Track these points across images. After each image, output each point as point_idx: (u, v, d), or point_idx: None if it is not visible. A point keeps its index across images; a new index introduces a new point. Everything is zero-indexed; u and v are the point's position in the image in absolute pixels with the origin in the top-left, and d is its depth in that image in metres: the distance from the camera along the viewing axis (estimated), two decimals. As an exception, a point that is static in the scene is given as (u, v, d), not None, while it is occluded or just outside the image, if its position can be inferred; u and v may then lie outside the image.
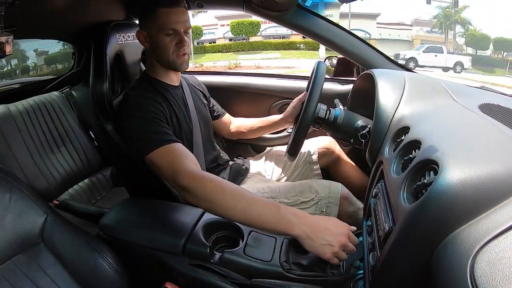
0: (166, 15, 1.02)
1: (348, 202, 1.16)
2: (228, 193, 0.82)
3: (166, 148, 0.92)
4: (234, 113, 1.59)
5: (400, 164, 0.71)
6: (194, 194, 0.84)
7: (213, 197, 0.82)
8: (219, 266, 0.86)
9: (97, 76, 1.07)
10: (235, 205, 0.80)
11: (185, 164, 0.88)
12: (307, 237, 0.75)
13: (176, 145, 0.94)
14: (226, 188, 0.83)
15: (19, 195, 0.83)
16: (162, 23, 1.02)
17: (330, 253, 0.75)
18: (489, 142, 0.62)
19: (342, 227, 0.78)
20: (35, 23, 1.24)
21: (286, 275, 0.82)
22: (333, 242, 0.74)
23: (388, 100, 0.97)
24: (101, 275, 0.82)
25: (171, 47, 1.05)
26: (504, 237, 0.41)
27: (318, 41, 1.43)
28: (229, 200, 0.81)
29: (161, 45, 1.05)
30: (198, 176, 0.86)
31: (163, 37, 1.04)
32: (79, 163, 1.52)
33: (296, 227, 0.76)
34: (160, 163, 0.92)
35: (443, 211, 0.49)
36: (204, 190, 0.83)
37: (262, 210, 0.79)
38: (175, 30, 1.04)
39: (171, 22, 1.02)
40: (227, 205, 0.81)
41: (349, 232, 0.78)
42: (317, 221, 0.78)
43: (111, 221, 0.95)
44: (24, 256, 0.79)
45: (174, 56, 1.07)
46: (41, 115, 1.43)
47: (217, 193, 0.82)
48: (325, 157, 1.40)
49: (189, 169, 0.87)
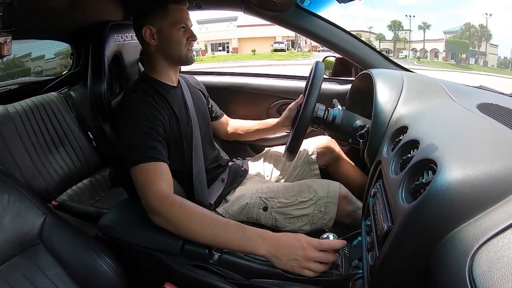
0: (178, 11, 1.07)
1: (347, 201, 1.17)
2: (195, 219, 0.83)
3: (147, 165, 0.91)
4: (233, 113, 1.59)
5: (398, 163, 0.72)
6: (163, 217, 0.85)
7: (180, 222, 0.83)
8: (218, 267, 0.86)
9: (95, 77, 1.07)
10: (203, 230, 0.82)
11: (158, 186, 0.88)
12: (273, 255, 0.78)
13: (157, 165, 0.93)
14: (194, 213, 0.84)
15: (18, 196, 0.83)
16: (174, 18, 1.06)
17: (298, 267, 0.76)
18: (488, 142, 0.62)
19: (305, 241, 0.78)
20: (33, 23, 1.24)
21: (285, 275, 0.82)
22: (298, 257, 0.76)
23: (386, 100, 0.97)
24: (100, 275, 0.82)
25: (184, 41, 1.09)
26: (503, 236, 0.41)
27: (316, 41, 1.44)
28: (197, 225, 0.82)
29: (174, 39, 1.07)
30: (168, 199, 0.85)
31: (177, 32, 1.07)
32: (78, 163, 1.52)
33: (261, 247, 0.78)
34: (136, 179, 0.91)
35: (441, 210, 0.49)
36: (172, 214, 0.84)
37: (228, 234, 0.81)
38: (186, 25, 1.08)
39: (183, 17, 1.08)
40: (194, 230, 0.82)
41: (315, 243, 0.78)
42: (280, 239, 0.79)
43: (110, 222, 0.95)
44: (23, 257, 0.79)
45: (186, 49, 1.10)
46: (39, 115, 1.43)
47: (184, 217, 0.83)
48: (324, 157, 1.40)
49: (160, 191, 0.87)
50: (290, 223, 1.13)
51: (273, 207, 1.13)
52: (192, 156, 1.12)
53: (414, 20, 40.55)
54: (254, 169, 1.40)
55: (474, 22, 32.06)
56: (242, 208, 1.15)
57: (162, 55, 1.10)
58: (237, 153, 1.54)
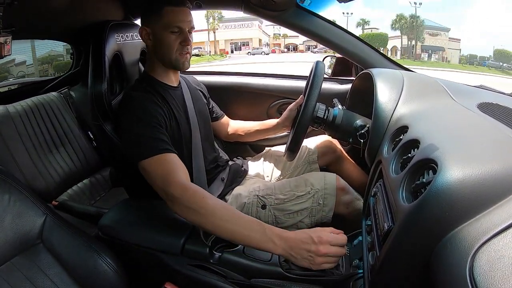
0: (172, 14, 1.03)
1: (345, 192, 1.16)
2: (218, 211, 0.84)
3: (162, 157, 0.92)
4: (233, 113, 1.59)
5: (399, 163, 0.72)
6: (184, 205, 0.85)
7: (202, 213, 0.84)
8: (218, 266, 0.86)
9: (95, 77, 1.07)
10: (223, 224, 0.82)
11: (178, 176, 0.89)
12: (289, 255, 0.79)
13: (171, 156, 0.94)
14: (216, 206, 0.84)
15: (18, 196, 0.83)
16: (168, 21, 1.03)
17: (313, 263, 0.79)
18: (488, 141, 0.62)
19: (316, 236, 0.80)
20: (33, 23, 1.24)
21: (285, 275, 0.82)
22: (312, 254, 0.78)
23: (387, 100, 0.97)
24: (101, 275, 0.82)
25: (175, 45, 1.06)
26: (503, 236, 0.41)
27: (317, 40, 1.44)
28: (218, 218, 0.83)
29: (165, 42, 1.05)
30: (191, 189, 0.87)
31: (168, 35, 1.04)
32: (78, 163, 1.52)
33: (279, 247, 0.79)
34: (153, 171, 0.91)
35: (442, 210, 0.49)
36: (195, 204, 0.84)
37: (248, 231, 0.81)
38: (181, 28, 1.05)
39: (178, 20, 1.03)
40: (215, 222, 0.83)
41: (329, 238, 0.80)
42: (295, 237, 0.81)
43: (110, 222, 0.95)
44: (24, 257, 0.79)
45: (177, 54, 1.07)
46: (39, 115, 1.43)
47: (207, 209, 0.83)
48: (325, 156, 1.40)
49: (181, 181, 0.88)
50: (290, 218, 1.13)
51: (271, 204, 1.14)
52: (191, 156, 1.12)
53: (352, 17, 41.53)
54: (254, 169, 1.40)
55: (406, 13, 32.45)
56: (240, 208, 1.15)
57: (156, 57, 1.10)
58: (238, 153, 1.54)
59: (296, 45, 38.34)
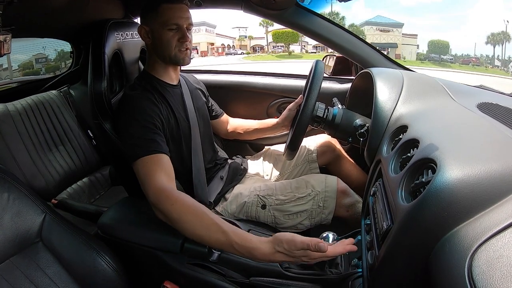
0: (169, 11, 1.03)
1: (345, 195, 1.17)
2: (184, 217, 0.81)
3: (147, 159, 0.91)
4: (233, 111, 1.59)
5: (398, 163, 0.72)
6: (157, 209, 0.84)
7: (171, 217, 0.82)
8: (217, 265, 0.86)
9: (95, 75, 1.07)
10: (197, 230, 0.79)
11: (156, 179, 0.87)
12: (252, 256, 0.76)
13: (156, 157, 0.92)
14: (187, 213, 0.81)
15: (18, 194, 0.83)
16: (165, 18, 1.03)
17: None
18: (487, 141, 0.62)
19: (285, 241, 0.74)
20: (33, 21, 1.24)
21: (284, 274, 0.82)
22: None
23: (387, 99, 0.97)
24: (100, 274, 0.82)
25: (174, 42, 1.06)
26: (502, 236, 0.41)
27: (316, 40, 1.43)
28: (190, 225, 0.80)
29: (164, 39, 1.05)
30: (164, 193, 0.84)
31: (166, 32, 1.05)
32: (78, 162, 1.52)
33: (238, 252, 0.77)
34: (138, 174, 0.91)
35: (441, 209, 0.49)
36: (165, 209, 0.82)
37: (215, 238, 0.78)
38: (178, 25, 1.05)
39: (175, 17, 1.04)
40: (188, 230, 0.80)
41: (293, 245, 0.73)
42: (257, 247, 0.75)
43: (109, 220, 0.95)
44: (23, 256, 0.79)
45: (176, 51, 1.07)
46: (39, 114, 1.43)
47: (178, 215, 0.81)
48: (324, 156, 1.40)
49: (156, 184, 0.86)
50: (289, 219, 1.13)
51: (272, 205, 1.14)
52: (191, 155, 1.12)
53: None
54: (253, 168, 1.40)
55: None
56: (240, 207, 1.15)
57: (156, 54, 1.10)
58: (237, 152, 1.54)
59: (262, 46, 38.96)
